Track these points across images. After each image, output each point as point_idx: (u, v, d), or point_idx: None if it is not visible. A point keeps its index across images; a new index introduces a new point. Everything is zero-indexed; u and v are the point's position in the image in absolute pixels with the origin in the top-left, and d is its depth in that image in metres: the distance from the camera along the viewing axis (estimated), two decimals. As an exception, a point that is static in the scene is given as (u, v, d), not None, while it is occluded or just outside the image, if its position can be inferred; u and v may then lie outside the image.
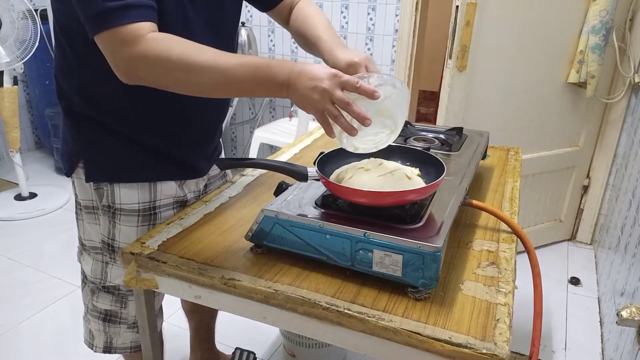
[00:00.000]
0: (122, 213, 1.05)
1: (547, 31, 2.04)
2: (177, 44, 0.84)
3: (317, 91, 0.80)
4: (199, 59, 0.83)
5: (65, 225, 2.68)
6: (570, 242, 2.65)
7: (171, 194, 1.09)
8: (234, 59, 0.84)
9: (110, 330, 1.19)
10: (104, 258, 1.12)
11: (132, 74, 0.85)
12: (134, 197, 1.05)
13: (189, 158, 1.11)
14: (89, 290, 1.18)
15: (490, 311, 0.77)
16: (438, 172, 0.92)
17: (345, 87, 0.80)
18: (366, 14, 2.65)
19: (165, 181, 1.07)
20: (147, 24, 0.82)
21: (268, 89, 0.85)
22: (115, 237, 1.08)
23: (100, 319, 1.18)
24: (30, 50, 2.56)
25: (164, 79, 0.86)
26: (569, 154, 2.40)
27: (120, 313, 1.18)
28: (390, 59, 2.66)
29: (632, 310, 0.98)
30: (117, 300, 1.16)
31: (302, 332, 0.84)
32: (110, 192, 1.04)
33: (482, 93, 2.04)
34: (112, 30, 0.80)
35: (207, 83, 0.85)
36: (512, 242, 0.96)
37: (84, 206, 1.11)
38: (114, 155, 1.03)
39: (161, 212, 1.09)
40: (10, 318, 1.95)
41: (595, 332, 1.97)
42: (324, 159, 0.98)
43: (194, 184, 1.17)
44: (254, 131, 2.84)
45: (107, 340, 1.20)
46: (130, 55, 0.82)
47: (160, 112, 1.02)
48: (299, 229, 0.85)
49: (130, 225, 1.07)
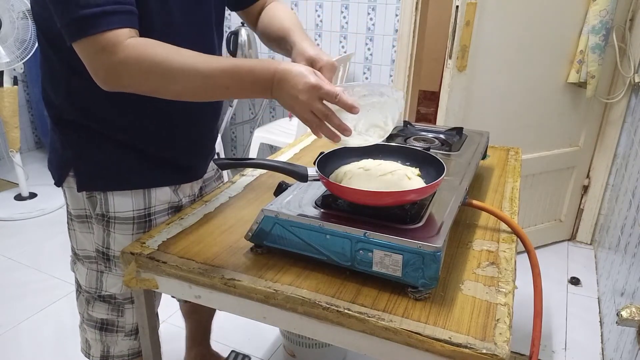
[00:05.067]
0: (116, 221, 1.03)
1: (547, 31, 2.04)
2: (157, 49, 0.81)
3: (297, 102, 0.81)
4: (179, 64, 0.81)
5: (65, 225, 2.67)
6: (570, 242, 2.65)
7: (166, 200, 1.07)
8: (215, 64, 0.82)
9: (107, 339, 1.16)
10: (99, 267, 1.10)
11: (112, 82, 0.83)
12: (128, 204, 1.02)
13: (183, 161, 1.09)
14: (84, 300, 1.15)
15: (490, 311, 0.77)
16: (438, 172, 0.92)
17: (325, 98, 0.80)
18: (366, 14, 2.65)
19: (160, 187, 1.06)
20: (125, 30, 0.80)
21: (252, 92, 0.85)
22: (110, 246, 1.06)
23: (97, 328, 1.15)
24: (30, 50, 2.56)
25: (145, 85, 0.84)
26: (569, 154, 2.40)
27: (117, 322, 1.15)
28: (390, 59, 2.66)
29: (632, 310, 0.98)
30: (113, 309, 1.13)
31: (302, 332, 0.84)
32: (103, 200, 1.02)
33: (482, 93, 2.04)
34: (91, 37, 0.78)
35: (189, 89, 0.84)
36: (512, 242, 0.96)
37: (75, 216, 1.09)
38: (106, 163, 1.01)
39: (156, 218, 1.07)
40: (10, 318, 1.95)
41: (595, 332, 1.97)
42: (324, 159, 0.98)
43: (188, 187, 1.15)
44: (254, 131, 2.84)
45: (103, 349, 1.17)
46: (110, 62, 0.80)
47: (152, 116, 0.99)
48: (299, 229, 0.85)
49: (125, 234, 1.04)
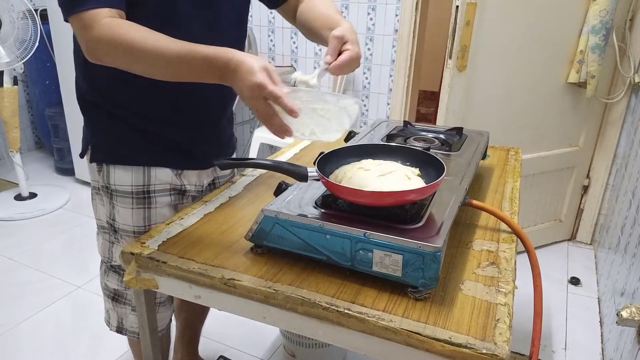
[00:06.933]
0: (117, 194, 1.10)
1: (547, 31, 2.04)
2: (128, 30, 0.86)
3: (243, 96, 0.85)
4: (143, 47, 0.85)
5: (65, 225, 2.68)
6: (570, 242, 2.65)
7: (167, 181, 1.12)
8: (174, 48, 0.86)
9: (118, 310, 1.23)
10: (110, 237, 1.17)
11: (93, 56, 0.90)
12: (127, 179, 1.09)
13: (186, 145, 1.13)
14: (102, 269, 1.24)
15: (490, 311, 0.77)
16: (438, 172, 0.92)
17: (268, 98, 0.82)
18: (366, 14, 2.65)
19: (160, 167, 1.10)
20: (105, 10, 0.87)
21: (207, 78, 0.88)
22: (115, 218, 1.12)
23: (110, 297, 1.23)
24: (30, 50, 2.56)
25: (116, 62, 0.90)
26: (569, 154, 2.40)
27: (125, 294, 1.22)
28: (390, 59, 2.66)
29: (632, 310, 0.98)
30: (122, 280, 1.19)
31: (302, 332, 0.84)
32: (106, 172, 1.09)
33: (482, 93, 2.04)
34: (76, 15, 0.87)
35: (154, 70, 0.89)
36: (512, 242, 0.96)
37: (94, 187, 1.18)
38: (114, 139, 1.09)
39: (156, 196, 1.11)
40: (10, 318, 1.95)
41: (595, 332, 1.97)
42: (324, 159, 0.98)
43: (195, 176, 1.18)
44: (254, 131, 2.84)
45: (119, 320, 1.24)
46: (88, 38, 0.87)
47: (157, 97, 1.05)
48: (299, 229, 0.85)
49: (125, 207, 1.10)
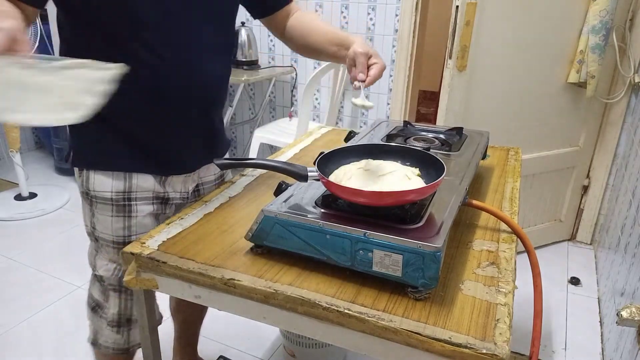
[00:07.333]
0: (97, 201, 1.07)
1: (547, 31, 2.04)
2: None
3: None
4: None
5: (65, 225, 2.68)
6: (570, 242, 2.65)
7: (149, 188, 1.08)
8: None
9: (95, 322, 1.18)
10: (95, 245, 1.13)
11: None
12: (107, 185, 1.05)
13: (169, 150, 1.09)
14: (92, 276, 1.19)
15: (490, 311, 0.77)
16: (438, 172, 0.92)
17: None
18: (366, 14, 2.65)
19: (142, 173, 1.07)
20: None
21: None
22: (95, 226, 1.09)
23: (90, 307, 1.18)
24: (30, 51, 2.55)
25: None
26: (569, 154, 2.40)
27: (104, 306, 1.16)
28: (390, 59, 2.66)
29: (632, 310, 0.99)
30: (102, 291, 1.15)
31: (302, 332, 0.84)
32: (86, 178, 1.06)
33: (482, 93, 2.04)
34: None
35: None
36: (512, 242, 0.96)
37: (80, 192, 1.13)
38: (94, 143, 1.06)
39: (137, 204, 1.08)
40: (10, 318, 1.95)
41: (595, 332, 1.97)
42: (324, 159, 0.98)
43: (179, 183, 1.14)
44: (254, 131, 2.84)
45: (94, 332, 1.19)
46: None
47: (139, 99, 1.01)
48: (299, 229, 0.85)
49: (105, 215, 1.07)
